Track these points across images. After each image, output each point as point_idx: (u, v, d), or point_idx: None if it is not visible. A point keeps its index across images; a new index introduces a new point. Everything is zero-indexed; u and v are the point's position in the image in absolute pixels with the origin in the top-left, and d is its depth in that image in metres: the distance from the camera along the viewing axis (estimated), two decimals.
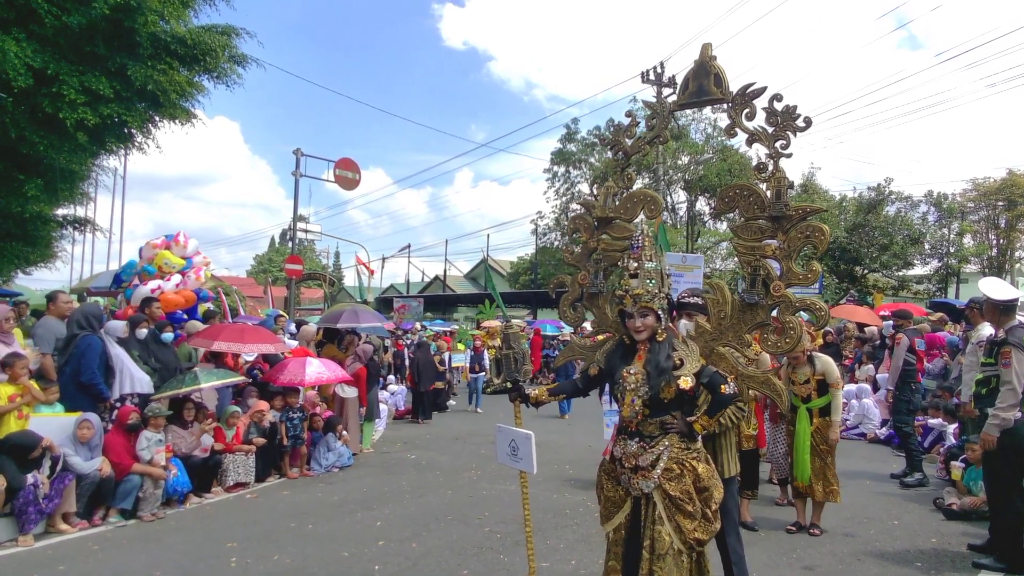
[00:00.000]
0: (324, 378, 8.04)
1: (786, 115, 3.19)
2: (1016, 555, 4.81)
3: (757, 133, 3.28)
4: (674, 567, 3.04)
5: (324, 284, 37.96)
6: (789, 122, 3.18)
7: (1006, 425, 4.74)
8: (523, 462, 3.53)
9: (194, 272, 9.73)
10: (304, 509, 6.50)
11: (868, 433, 10.40)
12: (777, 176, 3.20)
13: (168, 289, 9.10)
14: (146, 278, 9.20)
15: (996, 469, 4.94)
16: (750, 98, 3.31)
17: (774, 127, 3.22)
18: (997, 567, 4.83)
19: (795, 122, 3.18)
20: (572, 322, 3.97)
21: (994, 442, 4.79)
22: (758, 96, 3.30)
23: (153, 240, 9.91)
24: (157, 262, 9.45)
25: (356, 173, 22.12)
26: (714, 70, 3.42)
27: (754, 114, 3.31)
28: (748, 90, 3.31)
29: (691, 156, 32.86)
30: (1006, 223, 29.97)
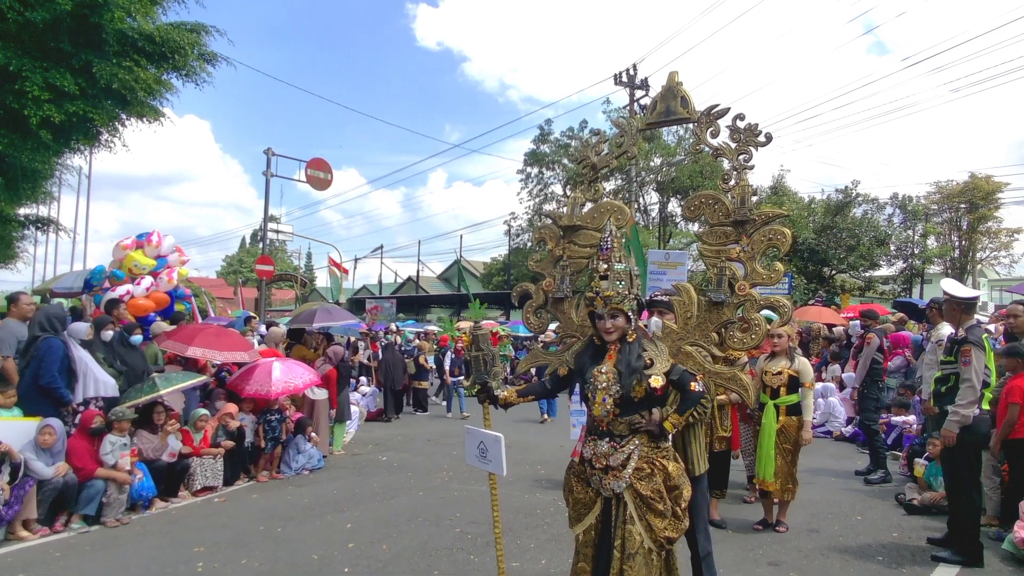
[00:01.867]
0: (292, 387, 7.93)
1: (748, 132, 3.42)
2: (973, 548, 4.95)
3: (721, 149, 3.49)
4: (644, 566, 3.07)
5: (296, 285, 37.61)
6: (751, 138, 3.41)
7: (965, 422, 4.86)
8: (492, 464, 3.54)
9: (167, 272, 9.54)
10: (273, 512, 6.44)
11: (834, 431, 10.59)
12: (741, 185, 3.40)
13: (138, 293, 8.94)
14: (115, 283, 9.01)
15: (955, 465, 5.07)
16: (714, 117, 3.53)
17: (737, 143, 3.44)
18: (955, 560, 4.95)
19: (756, 138, 3.40)
20: (536, 328, 4.02)
21: (954, 438, 4.91)
22: (722, 116, 3.51)
23: (123, 241, 9.63)
24: (126, 264, 9.25)
25: (328, 173, 21.95)
26: (681, 93, 3.65)
27: (718, 132, 3.53)
28: (712, 110, 3.53)
29: (663, 158, 33.14)
30: (968, 225, 30.72)
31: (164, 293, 9.42)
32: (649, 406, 3.19)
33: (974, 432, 4.96)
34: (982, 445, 5.26)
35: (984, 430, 5.15)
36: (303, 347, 9.43)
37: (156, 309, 9.18)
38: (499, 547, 3.73)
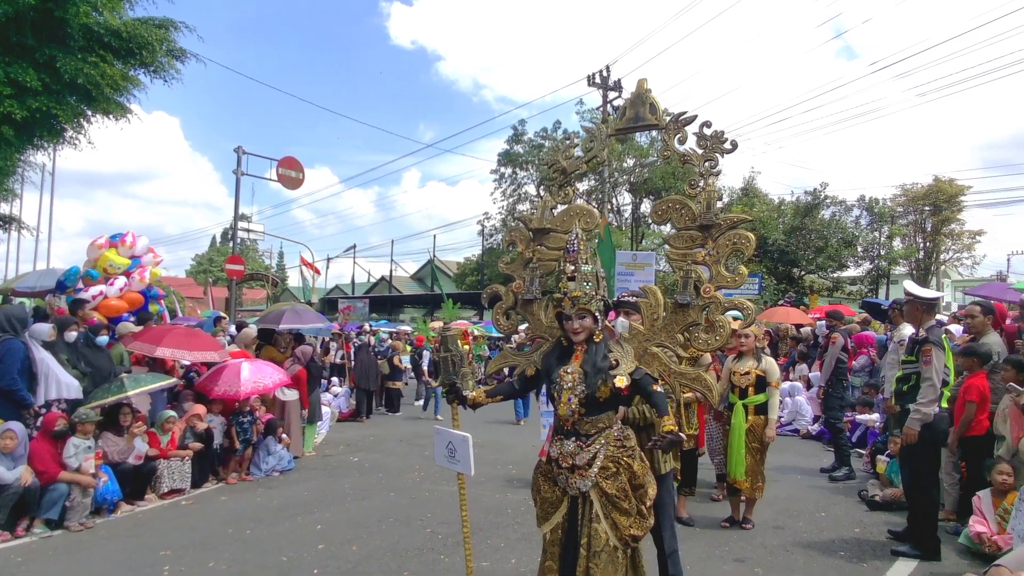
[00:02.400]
0: (261, 387, 7.86)
1: (714, 139, 3.48)
2: (931, 542, 5.09)
3: (688, 155, 3.55)
4: (609, 564, 3.12)
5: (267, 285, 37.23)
6: (717, 145, 3.47)
7: (927, 419, 4.98)
8: (460, 464, 3.57)
9: (139, 272, 9.41)
10: (242, 514, 6.38)
11: (801, 429, 10.79)
12: (707, 190, 3.47)
13: (111, 294, 8.81)
14: (90, 282, 8.86)
15: (916, 461, 5.19)
16: (682, 124, 3.58)
17: (704, 149, 3.50)
18: (913, 554, 5.09)
19: (722, 145, 3.47)
20: (506, 329, 4.06)
21: (916, 436, 5.03)
22: (689, 123, 3.57)
23: (97, 240, 9.47)
24: (101, 264, 9.10)
25: (300, 172, 21.77)
26: (649, 100, 3.71)
27: (685, 138, 3.58)
28: (680, 117, 3.59)
29: (636, 159, 33.38)
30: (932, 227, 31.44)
31: (138, 293, 9.31)
32: (614, 406, 3.24)
33: (934, 430, 5.08)
34: (941, 442, 5.40)
35: (943, 428, 5.28)
36: (272, 348, 9.35)
37: (129, 310, 9.06)
38: (467, 546, 3.76)
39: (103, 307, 8.62)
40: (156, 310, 9.95)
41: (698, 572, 4.81)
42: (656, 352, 3.45)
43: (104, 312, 8.64)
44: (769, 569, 4.95)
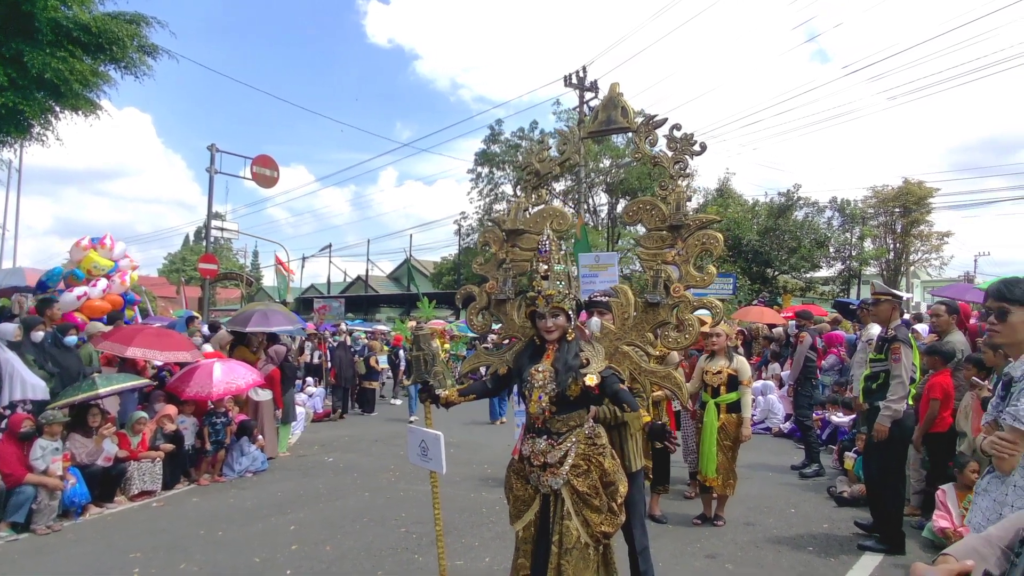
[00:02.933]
0: (233, 388, 7.78)
1: (684, 141, 3.53)
2: (896, 537, 5.20)
3: (659, 158, 3.61)
4: (581, 561, 3.15)
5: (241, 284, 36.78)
6: (687, 147, 3.52)
7: (896, 416, 5.07)
8: (433, 462, 3.58)
9: (119, 276, 9.34)
10: (215, 515, 6.33)
11: (773, 427, 10.94)
12: (677, 191, 3.51)
13: (94, 295, 8.70)
14: (74, 282, 8.75)
15: (885, 457, 5.28)
16: (653, 127, 3.64)
17: (674, 151, 3.55)
18: (879, 548, 5.20)
19: (692, 147, 3.52)
20: (479, 329, 4.08)
21: (887, 432, 5.12)
22: (660, 126, 3.62)
23: (81, 241, 9.37)
24: (85, 265, 8.99)
25: (274, 171, 21.57)
26: (621, 103, 3.75)
27: (656, 141, 3.64)
28: (651, 121, 3.64)
29: (612, 159, 33.55)
30: (902, 228, 31.98)
31: (118, 296, 9.23)
32: (585, 405, 3.27)
33: (902, 426, 5.18)
34: (908, 439, 5.52)
35: (911, 424, 5.39)
36: (245, 348, 9.26)
37: (110, 311, 8.97)
38: (440, 545, 3.77)
39: (86, 308, 8.55)
40: (131, 315, 9.87)
41: (669, 568, 4.87)
42: (627, 351, 3.49)
43: (87, 313, 8.58)
44: (740, 565, 5.02)
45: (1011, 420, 2.61)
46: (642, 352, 3.54)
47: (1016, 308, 2.68)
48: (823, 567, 4.99)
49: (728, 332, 6.24)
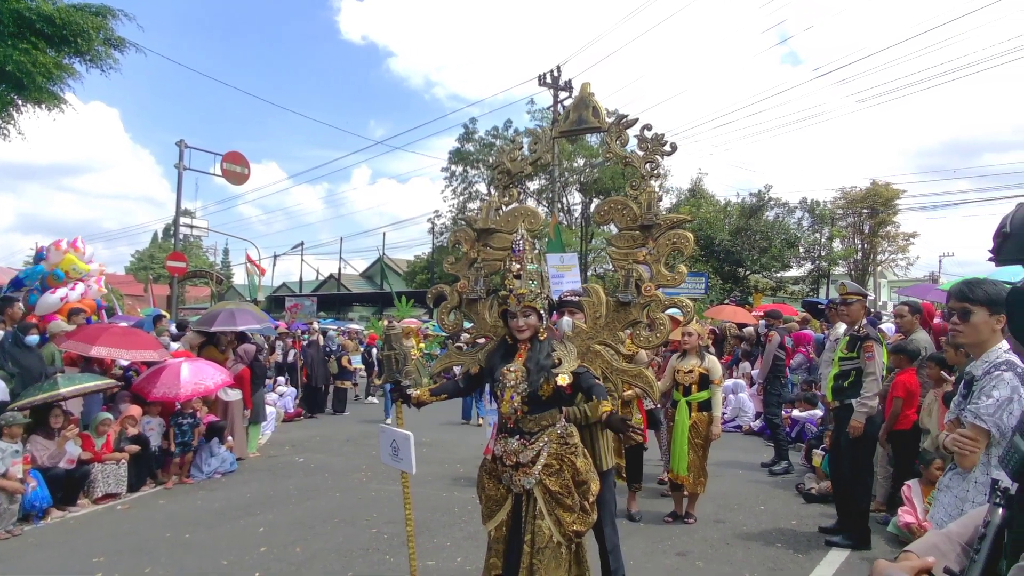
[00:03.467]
0: (202, 388, 7.64)
1: (654, 142, 3.55)
2: (862, 533, 5.30)
3: (630, 157, 3.62)
4: (553, 560, 3.16)
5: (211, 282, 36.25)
6: (657, 147, 3.54)
7: (872, 413, 5.16)
8: (403, 462, 3.56)
9: (95, 280, 9.16)
10: (182, 518, 6.22)
11: (744, 425, 11.06)
12: (648, 191, 3.53)
13: (73, 298, 8.51)
14: (55, 283, 8.55)
15: (856, 454, 5.35)
16: (624, 127, 3.65)
17: (644, 152, 3.57)
18: (846, 544, 5.29)
19: (662, 147, 3.53)
20: (450, 329, 4.06)
21: (862, 428, 5.18)
22: (631, 126, 3.64)
23: (60, 242, 9.18)
24: (65, 267, 8.79)
25: (245, 168, 21.28)
26: (592, 103, 3.77)
27: (627, 141, 3.65)
28: (622, 120, 3.65)
29: (586, 159, 33.69)
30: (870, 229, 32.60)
31: (93, 300, 9.07)
32: (557, 404, 3.27)
33: (870, 423, 5.28)
34: (876, 436, 5.62)
35: (878, 422, 5.50)
36: (213, 348, 9.11)
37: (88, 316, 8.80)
38: (411, 546, 3.74)
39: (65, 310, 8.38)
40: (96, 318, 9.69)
41: (641, 566, 4.89)
42: (599, 350, 3.51)
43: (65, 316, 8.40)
44: (710, 562, 5.06)
45: (972, 418, 2.67)
46: (613, 351, 3.56)
47: (978, 308, 2.74)
48: (791, 563, 5.05)
49: (700, 331, 6.30)
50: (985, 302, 2.72)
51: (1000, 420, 2.60)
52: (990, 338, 2.76)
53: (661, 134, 3.54)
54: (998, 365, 2.68)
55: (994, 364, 2.69)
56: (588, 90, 3.80)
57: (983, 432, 2.63)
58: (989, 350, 2.75)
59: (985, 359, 2.74)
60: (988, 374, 2.68)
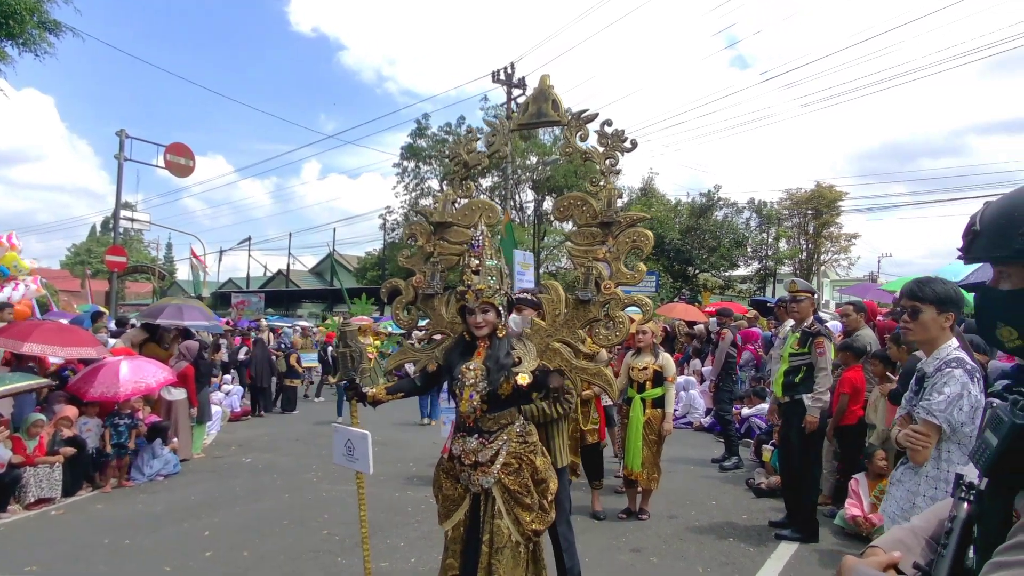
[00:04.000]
0: (143, 387, 7.34)
1: (615, 137, 3.49)
2: (811, 526, 5.42)
3: (590, 153, 3.56)
4: (511, 559, 3.11)
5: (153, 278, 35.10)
6: (618, 143, 3.49)
7: (825, 407, 5.29)
8: (359, 462, 3.46)
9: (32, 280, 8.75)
10: (121, 523, 5.96)
11: (694, 422, 11.23)
12: (608, 188, 3.49)
13: (16, 299, 8.09)
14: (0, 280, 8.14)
15: (806, 449, 5.47)
16: (584, 122, 3.58)
17: (605, 147, 3.51)
18: (794, 537, 5.41)
19: (623, 143, 3.49)
20: (405, 325, 3.97)
21: (817, 422, 5.29)
22: (591, 120, 3.57)
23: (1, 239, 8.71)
24: (7, 262, 8.34)
25: (190, 160, 20.61)
26: (552, 96, 3.69)
27: (587, 136, 3.58)
28: (582, 115, 3.59)
29: (539, 157, 33.75)
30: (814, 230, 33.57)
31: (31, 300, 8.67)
32: (516, 403, 3.22)
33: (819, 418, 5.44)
34: (824, 430, 5.76)
35: (826, 417, 5.63)
36: (155, 345, 8.78)
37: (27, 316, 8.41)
38: (366, 547, 3.65)
39: None
40: None
41: (596, 563, 4.89)
42: (558, 348, 3.46)
43: None
44: (664, 557, 5.10)
45: (924, 414, 2.73)
46: (572, 349, 3.52)
47: (926, 307, 2.81)
48: (743, 556, 5.12)
49: (655, 330, 6.35)
50: (933, 300, 2.79)
51: (951, 416, 2.66)
52: (939, 336, 2.82)
53: (621, 130, 3.50)
54: (948, 362, 2.74)
55: (945, 361, 2.76)
56: (548, 83, 3.73)
57: (935, 428, 2.69)
58: (939, 347, 2.81)
59: (936, 356, 2.80)
60: (939, 371, 2.74)
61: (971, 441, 2.71)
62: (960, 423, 2.66)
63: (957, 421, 2.65)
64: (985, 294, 1.30)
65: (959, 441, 2.70)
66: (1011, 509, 1.14)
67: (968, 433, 2.69)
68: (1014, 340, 1.24)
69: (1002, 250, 1.19)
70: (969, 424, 2.67)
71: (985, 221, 1.24)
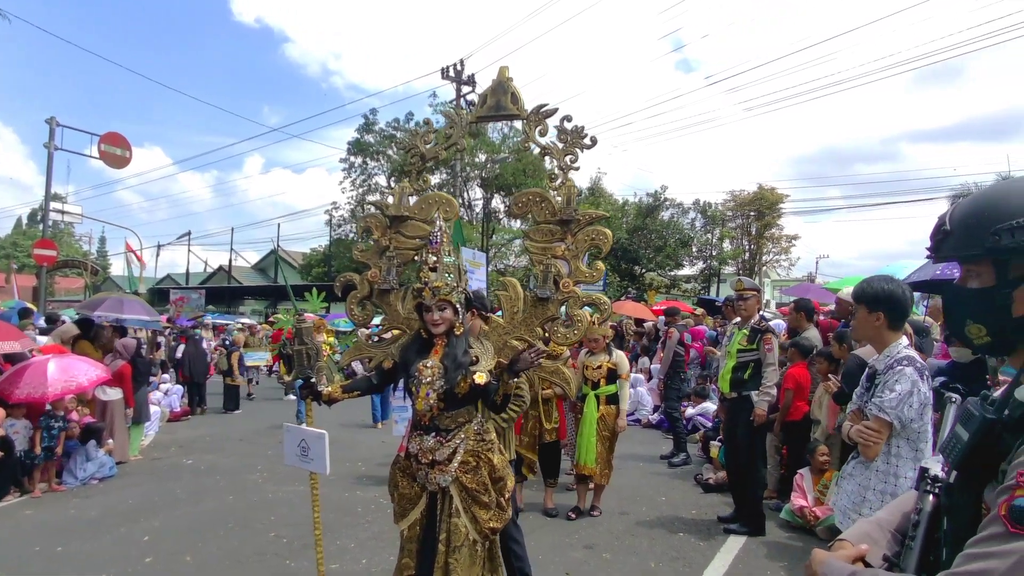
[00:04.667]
0: (73, 386, 7.00)
1: (575, 134, 3.46)
2: (757, 519, 5.56)
3: (549, 148, 3.52)
4: (468, 557, 3.08)
5: (85, 273, 33.67)
6: (577, 140, 3.46)
7: (773, 400, 5.43)
8: (315, 463, 3.36)
9: None
10: (52, 529, 5.68)
11: (643, 419, 11.37)
12: (567, 185, 3.46)
13: None
14: None
15: (752, 444, 5.60)
16: (543, 117, 3.54)
17: (564, 143, 3.48)
18: (742, 531, 5.54)
19: (582, 140, 3.46)
20: (359, 321, 3.88)
21: (766, 415, 5.42)
22: (550, 115, 3.53)
23: None
24: None
25: (126, 150, 19.80)
26: (511, 89, 3.64)
27: (546, 131, 3.54)
28: (542, 109, 3.54)
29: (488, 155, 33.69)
30: (756, 230, 34.51)
31: None
32: (473, 401, 3.19)
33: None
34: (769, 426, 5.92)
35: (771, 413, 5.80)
36: (88, 343, 8.39)
37: None
38: (319, 549, 3.56)
39: None
40: None
41: (549, 560, 4.90)
42: (516, 345, 3.43)
43: None
44: (616, 553, 5.14)
45: (876, 410, 2.80)
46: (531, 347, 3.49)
47: (859, 306, 2.94)
48: (693, 551, 5.20)
49: (607, 334, 6.37)
50: (863, 300, 2.90)
51: (901, 413, 2.74)
52: (879, 334, 2.91)
53: (581, 126, 3.46)
54: (899, 360, 2.82)
55: (896, 359, 2.84)
56: (507, 75, 3.67)
57: (886, 424, 2.77)
58: (890, 346, 2.89)
59: (887, 354, 2.89)
60: (890, 369, 2.82)
61: (920, 437, 2.80)
62: (910, 419, 2.74)
63: (907, 417, 2.74)
64: (953, 292, 1.32)
65: (908, 437, 2.79)
66: (980, 502, 1.17)
67: (917, 429, 2.78)
68: (983, 337, 1.26)
69: (973, 248, 1.22)
70: (918, 420, 2.76)
71: (955, 220, 1.26)
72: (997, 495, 1.06)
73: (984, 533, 1.05)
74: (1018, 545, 0.99)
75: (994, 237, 1.16)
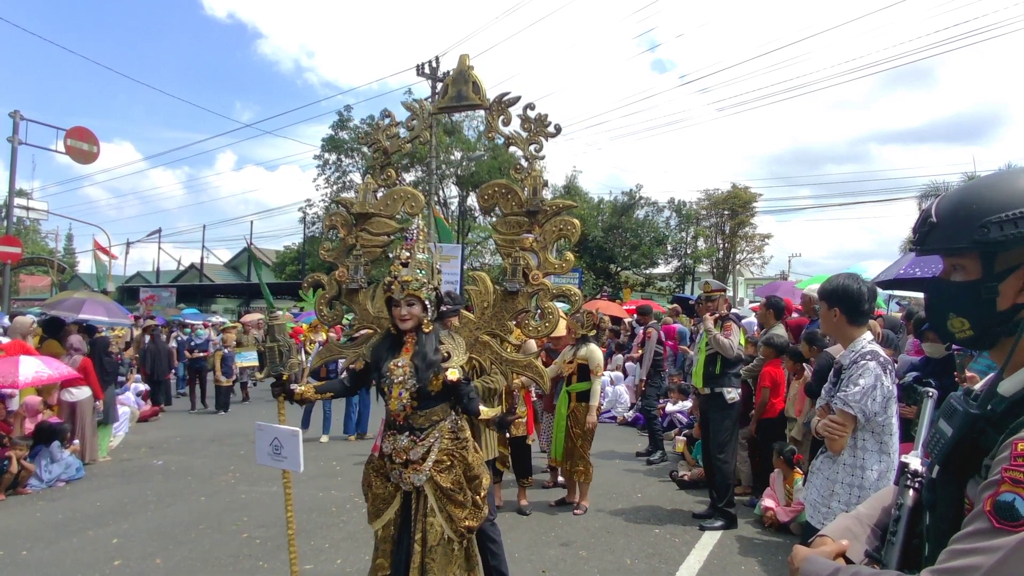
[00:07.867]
0: (45, 376, 6.86)
1: (538, 122, 3.41)
2: (730, 514, 5.64)
3: (513, 138, 3.48)
4: (444, 556, 3.07)
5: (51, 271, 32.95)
6: (541, 128, 3.41)
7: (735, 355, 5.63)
8: (288, 461, 3.31)
9: None
10: (17, 533, 5.55)
11: (619, 416, 11.42)
12: (533, 175, 3.41)
13: None
14: None
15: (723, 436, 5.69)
16: (506, 105, 3.49)
17: (528, 132, 3.43)
18: (716, 526, 5.60)
19: (547, 128, 3.41)
20: (329, 321, 3.82)
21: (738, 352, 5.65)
22: (513, 104, 3.49)
23: None
24: None
25: (93, 145, 19.41)
26: (472, 78, 3.57)
27: (509, 120, 3.49)
28: (504, 98, 3.50)
29: (464, 152, 33.60)
30: (730, 229, 34.82)
31: None
32: (447, 398, 3.16)
33: (734, 410, 5.71)
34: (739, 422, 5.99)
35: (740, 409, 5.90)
36: (56, 342, 8.20)
37: None
38: (292, 549, 3.50)
39: None
40: None
41: (526, 558, 4.89)
42: (487, 340, 3.41)
43: None
44: (592, 550, 5.15)
45: (841, 404, 2.84)
46: (502, 341, 3.47)
47: (821, 303, 3.02)
48: (669, 547, 5.23)
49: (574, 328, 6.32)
50: (822, 296, 2.99)
51: (865, 406, 2.78)
52: (840, 329, 2.97)
53: (545, 114, 3.40)
54: (864, 355, 2.86)
55: (860, 354, 2.88)
56: (467, 63, 3.59)
57: (850, 418, 2.81)
58: (855, 341, 2.93)
59: (852, 349, 2.93)
60: (855, 363, 2.86)
61: (884, 430, 2.84)
62: (874, 413, 2.78)
63: (871, 411, 2.78)
64: (936, 286, 1.31)
65: (873, 430, 2.82)
66: (963, 497, 1.17)
67: (881, 423, 2.82)
68: (965, 331, 1.25)
69: (960, 241, 1.20)
70: (882, 414, 2.80)
71: (942, 213, 1.25)
72: (982, 491, 1.06)
73: (969, 529, 1.05)
74: (1004, 541, 0.99)
75: (982, 230, 1.15)
